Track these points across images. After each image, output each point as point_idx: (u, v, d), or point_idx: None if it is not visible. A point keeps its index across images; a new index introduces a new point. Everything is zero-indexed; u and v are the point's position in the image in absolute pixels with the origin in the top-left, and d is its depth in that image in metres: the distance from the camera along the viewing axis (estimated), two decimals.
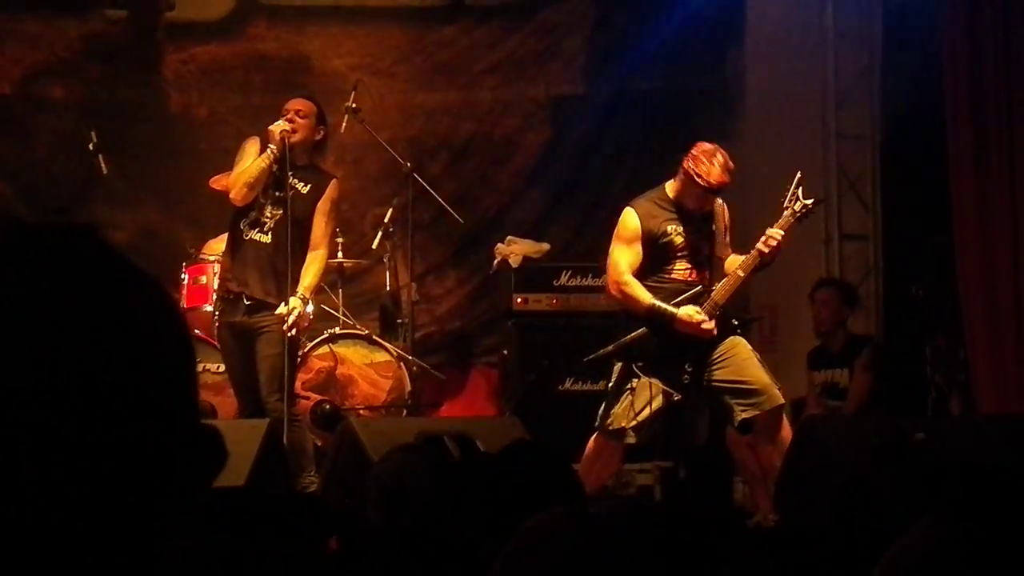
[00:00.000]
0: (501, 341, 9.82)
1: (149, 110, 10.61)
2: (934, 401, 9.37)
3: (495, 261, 9.70)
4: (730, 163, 7.03)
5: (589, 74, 11.09)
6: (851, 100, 10.09)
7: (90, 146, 8.65)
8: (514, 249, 9.59)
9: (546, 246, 9.78)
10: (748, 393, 7.02)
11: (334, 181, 7.67)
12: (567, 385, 9.20)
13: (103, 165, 8.64)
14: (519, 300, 9.40)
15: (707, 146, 7.07)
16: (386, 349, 9.03)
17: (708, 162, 6.96)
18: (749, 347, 7.20)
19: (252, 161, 7.48)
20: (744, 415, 7.04)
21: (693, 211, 7.09)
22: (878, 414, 9.01)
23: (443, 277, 10.92)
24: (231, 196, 7.56)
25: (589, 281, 9.39)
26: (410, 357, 8.97)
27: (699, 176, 6.95)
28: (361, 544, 3.75)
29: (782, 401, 7.10)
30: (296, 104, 7.66)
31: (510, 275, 9.47)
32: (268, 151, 7.45)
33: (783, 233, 7.07)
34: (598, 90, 11.07)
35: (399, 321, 9.39)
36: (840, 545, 3.95)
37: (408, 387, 8.95)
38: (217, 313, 7.72)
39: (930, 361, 9.50)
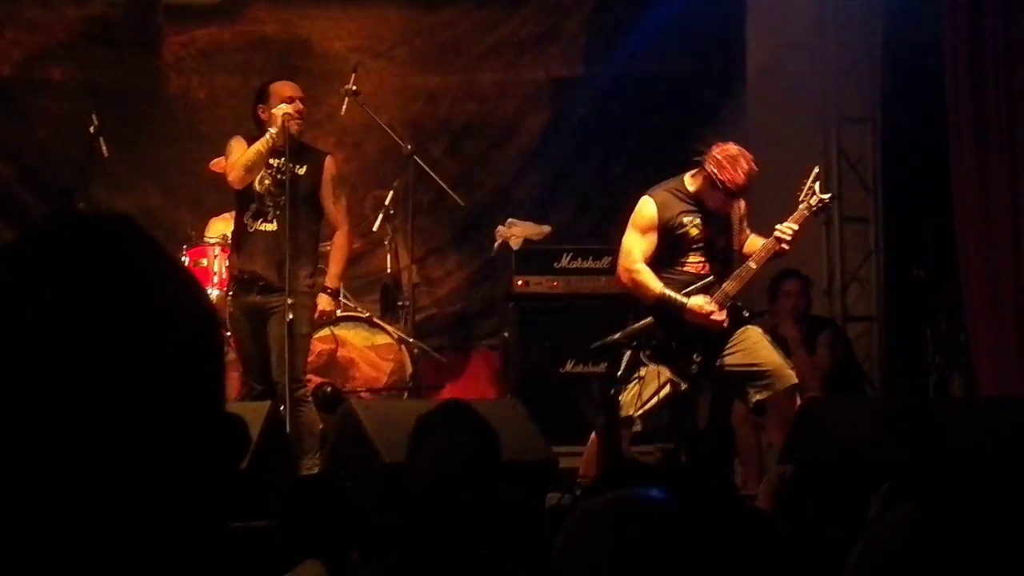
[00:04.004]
0: (502, 323, 9.82)
1: (149, 93, 10.60)
2: (935, 382, 9.39)
3: (496, 243, 9.69)
4: (754, 167, 7.01)
5: (589, 56, 11.09)
6: (852, 82, 10.08)
7: (91, 129, 8.63)
8: (515, 231, 9.59)
9: (547, 228, 9.77)
10: (760, 375, 7.05)
11: (328, 157, 7.71)
12: (568, 367, 9.20)
13: (104, 148, 8.62)
14: (520, 282, 9.39)
15: (731, 150, 7.03)
16: (387, 331, 9.03)
17: (732, 168, 6.94)
18: (759, 331, 7.22)
19: (252, 146, 7.48)
20: (758, 396, 7.06)
21: (713, 210, 7.08)
22: (875, 397, 9.05)
23: (444, 259, 10.93)
24: (229, 179, 7.59)
25: (590, 263, 9.39)
26: (411, 339, 8.97)
27: (723, 182, 6.94)
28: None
29: (794, 381, 7.13)
30: (299, 91, 7.66)
31: (511, 257, 9.46)
32: (268, 135, 7.43)
33: (797, 227, 7.07)
34: (598, 72, 11.06)
35: (400, 303, 9.39)
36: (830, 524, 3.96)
37: (409, 369, 8.95)
38: (230, 295, 7.74)
39: (931, 343, 9.52)
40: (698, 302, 6.98)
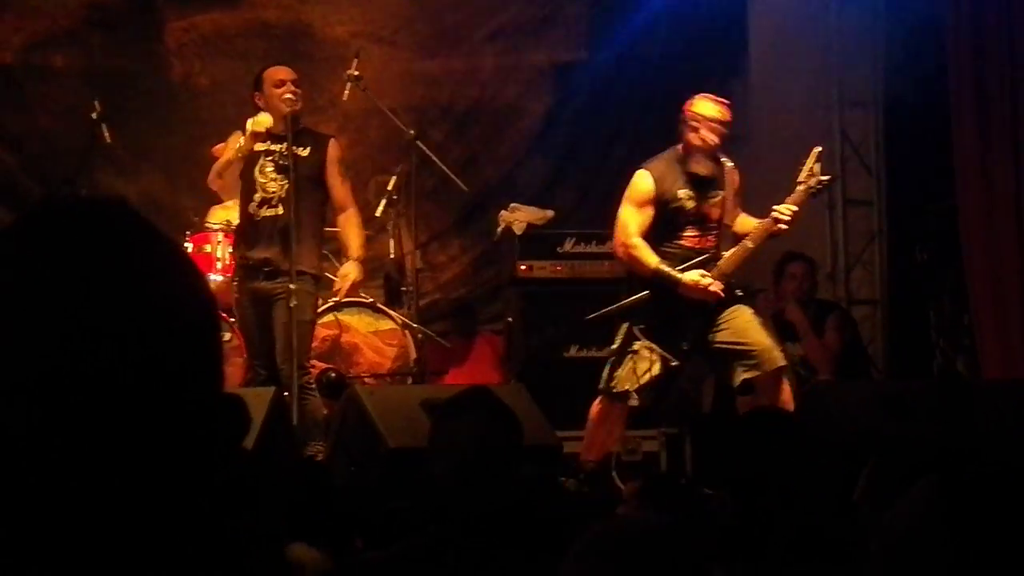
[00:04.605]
0: (505, 308, 9.81)
1: (151, 79, 10.59)
2: (939, 366, 9.39)
3: (499, 228, 9.68)
4: (725, 115, 7.05)
5: (591, 40, 11.06)
6: (854, 66, 10.07)
7: (93, 115, 8.62)
8: (518, 216, 9.57)
9: (550, 213, 9.76)
10: (748, 354, 7.04)
11: (332, 140, 7.77)
12: (572, 352, 9.19)
13: (107, 134, 8.62)
14: (523, 267, 9.38)
15: (697, 110, 7.08)
16: (391, 317, 9.04)
17: (707, 129, 6.99)
18: (751, 311, 7.22)
19: (224, 155, 7.60)
20: (745, 375, 7.05)
21: (705, 176, 7.08)
22: (882, 380, 9.05)
23: (447, 244, 10.92)
24: (213, 188, 7.71)
25: (593, 248, 9.37)
26: (415, 325, 8.97)
27: (702, 146, 6.98)
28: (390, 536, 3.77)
29: (783, 363, 7.13)
30: (292, 74, 7.73)
31: (514, 242, 9.45)
32: (237, 146, 7.54)
33: (796, 208, 7.07)
34: (600, 56, 11.04)
35: (403, 289, 9.38)
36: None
37: (413, 355, 8.95)
38: (236, 281, 7.76)
39: (934, 326, 9.52)
40: (693, 277, 6.98)
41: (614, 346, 7.19)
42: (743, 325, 7.09)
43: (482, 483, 3.44)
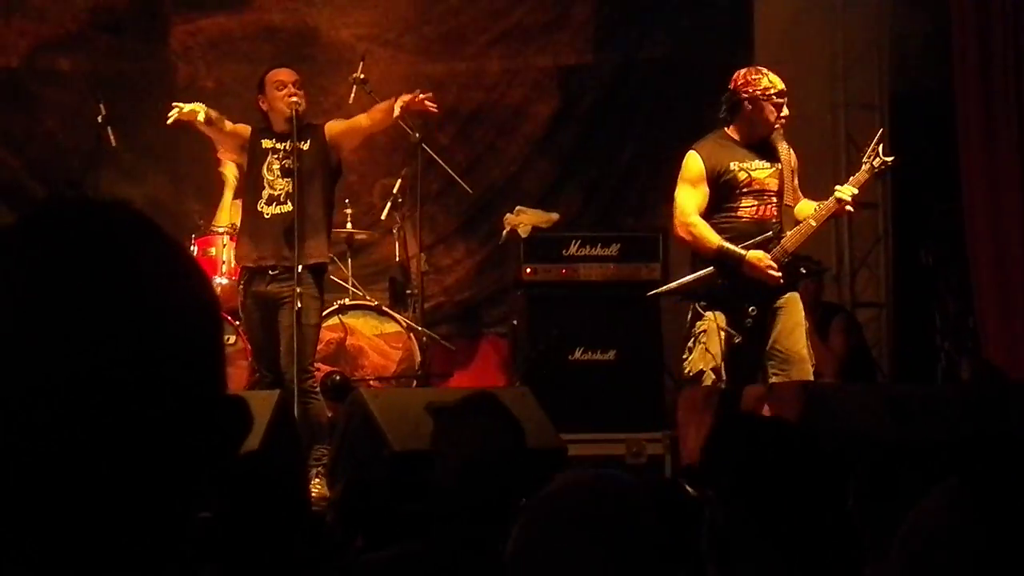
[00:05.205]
0: (510, 311, 9.81)
1: (156, 82, 10.59)
2: (944, 368, 9.38)
3: (504, 231, 9.69)
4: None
5: (597, 43, 11.06)
6: (860, 68, 10.06)
7: (99, 119, 8.64)
8: (523, 219, 9.57)
9: (555, 216, 9.76)
10: (785, 360, 7.05)
11: (328, 123, 7.80)
12: (577, 355, 9.19)
13: (112, 137, 8.64)
14: (528, 270, 9.37)
15: (742, 73, 7.15)
16: (396, 320, 9.04)
17: (762, 79, 7.04)
18: (802, 311, 7.20)
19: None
20: (775, 379, 7.06)
21: (771, 130, 7.07)
22: (885, 383, 9.04)
23: (452, 247, 10.92)
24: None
25: (598, 251, 9.37)
26: (420, 328, 8.97)
27: (765, 91, 7.02)
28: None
29: (810, 378, 7.13)
30: (294, 75, 7.78)
31: (519, 245, 9.45)
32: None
33: (857, 190, 7.15)
34: (606, 59, 11.04)
35: (408, 292, 9.39)
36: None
37: (418, 357, 8.96)
38: (242, 284, 7.77)
39: (940, 328, 9.52)
40: (757, 254, 6.99)
41: (684, 330, 7.20)
42: (792, 327, 7.08)
43: (484, 486, 3.45)
